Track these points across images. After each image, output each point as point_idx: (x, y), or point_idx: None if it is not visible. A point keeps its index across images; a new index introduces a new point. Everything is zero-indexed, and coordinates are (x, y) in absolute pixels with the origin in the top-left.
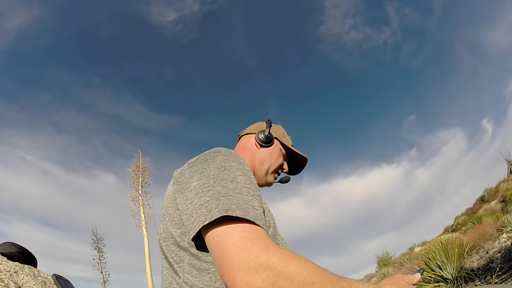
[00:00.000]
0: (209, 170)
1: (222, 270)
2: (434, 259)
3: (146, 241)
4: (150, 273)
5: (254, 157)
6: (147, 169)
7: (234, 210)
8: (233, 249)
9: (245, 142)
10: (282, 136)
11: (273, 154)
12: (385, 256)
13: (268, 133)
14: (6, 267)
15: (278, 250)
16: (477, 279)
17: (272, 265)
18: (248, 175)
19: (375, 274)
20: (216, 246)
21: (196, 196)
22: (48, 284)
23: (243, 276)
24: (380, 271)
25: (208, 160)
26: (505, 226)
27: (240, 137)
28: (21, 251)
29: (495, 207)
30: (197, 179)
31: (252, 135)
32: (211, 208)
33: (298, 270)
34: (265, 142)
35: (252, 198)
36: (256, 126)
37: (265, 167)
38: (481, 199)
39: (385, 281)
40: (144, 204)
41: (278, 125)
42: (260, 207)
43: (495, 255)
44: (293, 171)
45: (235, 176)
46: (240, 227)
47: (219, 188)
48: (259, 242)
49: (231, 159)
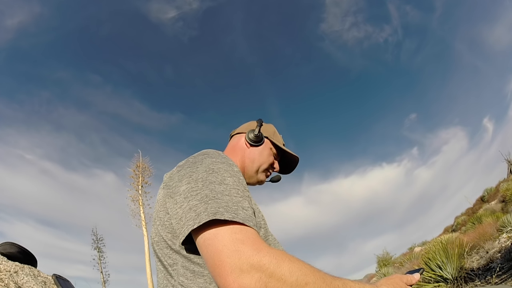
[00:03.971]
0: (198, 173)
1: (214, 273)
2: (434, 259)
3: (146, 241)
4: (150, 273)
5: (244, 156)
6: (147, 169)
7: (223, 213)
8: (224, 251)
9: (236, 141)
10: (272, 135)
11: (263, 153)
12: (385, 256)
13: (258, 132)
14: (6, 267)
15: (270, 250)
16: (477, 279)
17: (264, 266)
18: (237, 176)
19: (375, 274)
20: (208, 249)
21: (185, 200)
22: (48, 284)
23: (235, 277)
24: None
25: (197, 163)
26: (505, 226)
27: (232, 136)
28: (21, 251)
29: (495, 207)
30: (185, 182)
31: (243, 134)
32: (199, 212)
33: (290, 271)
34: (255, 141)
35: (242, 199)
36: (247, 126)
37: (255, 166)
38: (481, 199)
39: (383, 281)
40: (144, 204)
41: (269, 124)
42: (250, 207)
43: (495, 255)
44: (284, 170)
45: (224, 178)
46: (230, 229)
47: (207, 192)
48: (250, 243)
49: (220, 161)
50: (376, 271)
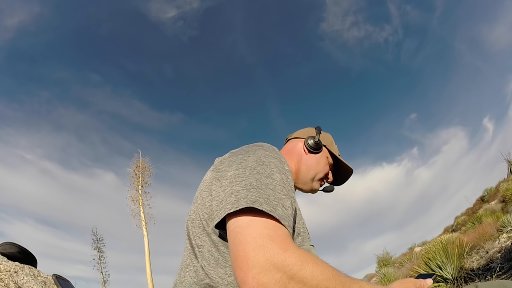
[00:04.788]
0: (248, 162)
1: (235, 263)
2: (434, 259)
3: (146, 241)
4: (150, 273)
5: (301, 162)
6: (147, 169)
7: (262, 203)
8: (252, 243)
9: (293, 145)
10: (330, 144)
11: (320, 161)
12: (385, 256)
13: (318, 140)
14: (6, 267)
15: (297, 251)
16: (477, 279)
17: (287, 267)
18: (286, 175)
19: (375, 274)
20: (236, 237)
21: (229, 184)
22: (48, 284)
23: (255, 274)
24: (380, 271)
25: (249, 152)
26: (505, 226)
27: (288, 140)
28: (21, 251)
29: (495, 207)
30: (234, 168)
31: (301, 139)
32: (239, 197)
33: (313, 274)
34: (314, 148)
35: (285, 198)
36: (306, 131)
37: (311, 174)
38: (481, 199)
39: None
40: (144, 204)
41: (327, 133)
42: (290, 208)
43: (495, 255)
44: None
45: (272, 172)
46: (264, 222)
47: (252, 180)
48: (279, 242)
49: (272, 156)
50: (376, 271)
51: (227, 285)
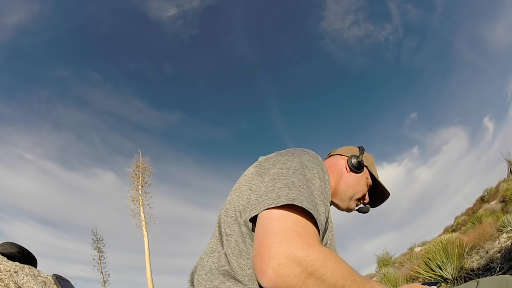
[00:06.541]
0: (292, 163)
1: (257, 251)
2: (434, 259)
3: (146, 241)
4: (150, 273)
5: (341, 179)
6: (147, 169)
7: (302, 201)
8: (279, 235)
9: (335, 162)
10: (371, 165)
11: (361, 181)
12: (385, 256)
13: (361, 159)
14: (6, 267)
15: (321, 248)
16: None
17: (308, 263)
18: (325, 183)
19: (375, 274)
20: (264, 227)
21: (271, 181)
22: (48, 284)
23: (275, 265)
24: (380, 271)
25: (295, 154)
26: (505, 226)
27: (330, 155)
28: (21, 251)
29: (495, 207)
30: (278, 167)
31: (343, 157)
32: (281, 194)
33: (332, 272)
34: (356, 167)
35: (321, 203)
36: (348, 150)
37: (350, 192)
38: (481, 199)
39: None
40: (144, 204)
41: (369, 154)
42: (324, 214)
43: (495, 255)
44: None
45: (313, 177)
46: (296, 218)
47: (295, 179)
48: (306, 238)
49: (316, 163)
50: (376, 271)
51: (245, 276)
